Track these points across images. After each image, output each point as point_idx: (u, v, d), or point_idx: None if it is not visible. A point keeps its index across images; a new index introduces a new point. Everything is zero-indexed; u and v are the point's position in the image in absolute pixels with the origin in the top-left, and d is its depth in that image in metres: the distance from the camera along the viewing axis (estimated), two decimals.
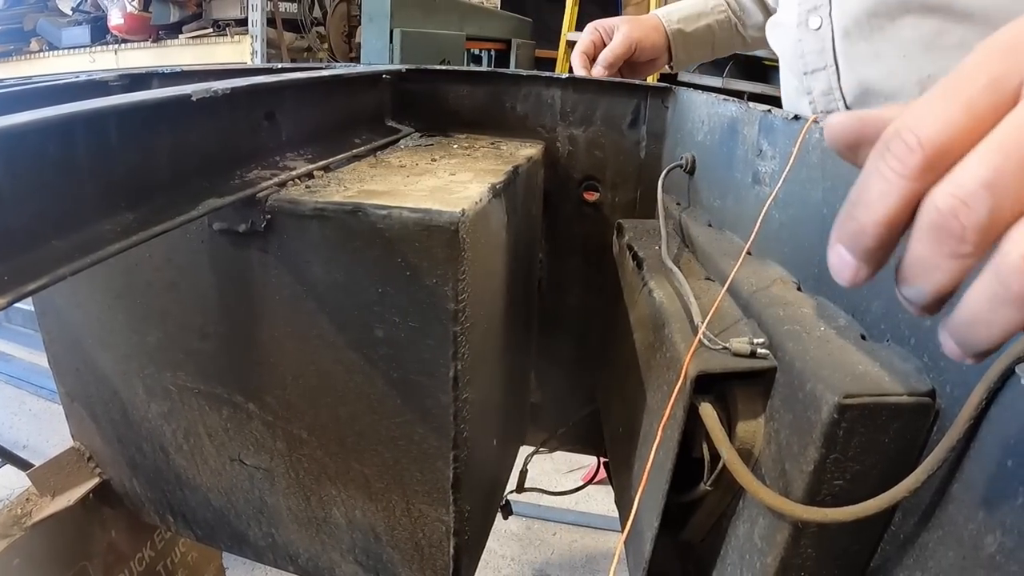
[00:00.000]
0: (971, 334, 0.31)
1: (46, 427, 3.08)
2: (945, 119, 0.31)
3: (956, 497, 0.45)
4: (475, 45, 4.42)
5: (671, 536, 0.76)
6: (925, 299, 0.33)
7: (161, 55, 4.09)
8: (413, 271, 0.69)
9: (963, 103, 0.31)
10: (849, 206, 0.35)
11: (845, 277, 0.36)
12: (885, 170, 0.32)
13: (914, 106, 0.32)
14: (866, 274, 0.35)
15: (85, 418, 1.02)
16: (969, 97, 0.31)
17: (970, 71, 0.31)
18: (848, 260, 0.35)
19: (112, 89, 0.85)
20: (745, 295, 0.69)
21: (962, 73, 0.32)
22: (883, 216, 0.33)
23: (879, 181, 0.33)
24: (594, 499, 2.69)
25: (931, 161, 0.31)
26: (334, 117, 0.95)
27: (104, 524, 1.09)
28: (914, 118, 0.32)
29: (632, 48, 1.27)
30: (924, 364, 0.50)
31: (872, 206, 0.33)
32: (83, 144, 0.50)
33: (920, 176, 0.31)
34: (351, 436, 0.82)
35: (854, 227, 0.34)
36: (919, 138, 0.31)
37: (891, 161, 0.32)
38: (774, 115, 0.78)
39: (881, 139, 0.33)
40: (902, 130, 0.32)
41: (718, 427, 0.60)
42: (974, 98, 0.31)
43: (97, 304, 0.87)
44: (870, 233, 0.33)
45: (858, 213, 0.34)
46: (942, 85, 0.32)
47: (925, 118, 0.31)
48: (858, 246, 0.34)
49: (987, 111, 0.30)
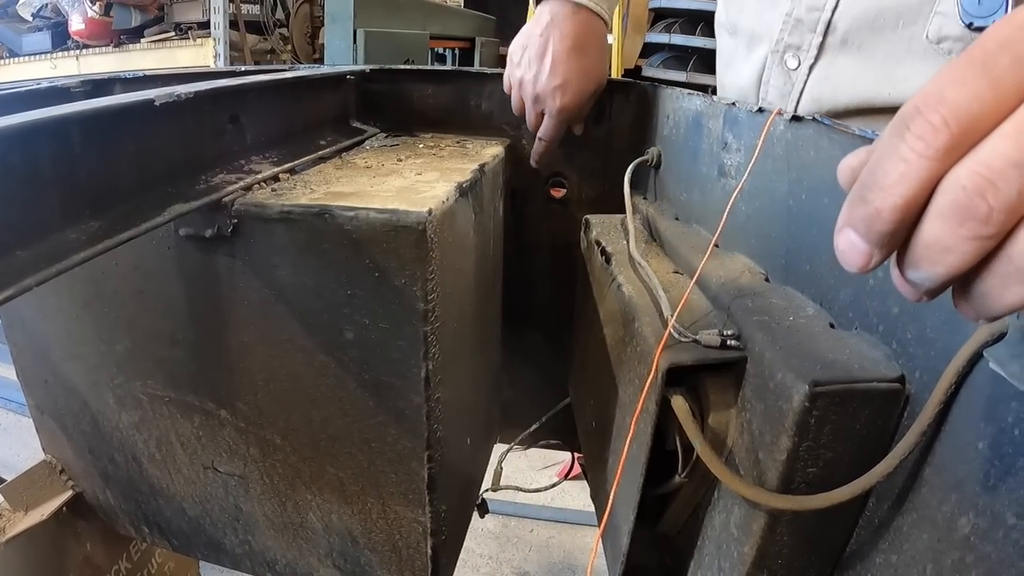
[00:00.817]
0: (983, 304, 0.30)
1: (16, 441, 3.04)
2: (971, 95, 0.29)
3: (929, 480, 0.46)
4: (439, 44, 4.42)
5: (648, 529, 0.77)
6: (934, 283, 0.31)
7: (123, 60, 4.04)
8: (381, 272, 0.69)
9: (990, 80, 0.29)
10: (861, 188, 0.32)
11: (856, 263, 0.33)
12: (906, 151, 0.30)
13: (936, 81, 0.30)
14: (878, 260, 0.33)
15: (56, 430, 1.01)
16: (996, 74, 0.28)
17: (994, 47, 0.29)
18: (860, 246, 0.33)
19: (74, 95, 0.84)
20: (714, 287, 0.70)
21: (986, 49, 0.29)
22: (902, 200, 0.31)
23: (898, 163, 0.30)
24: (570, 495, 2.70)
25: (958, 141, 0.29)
26: (299, 119, 0.95)
27: (79, 537, 1.08)
28: (937, 94, 0.30)
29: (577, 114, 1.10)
30: (893, 351, 0.51)
31: (890, 189, 0.31)
32: (46, 152, 0.50)
33: (945, 157, 0.29)
34: (324, 440, 0.82)
35: (868, 211, 0.32)
36: (944, 116, 0.29)
37: (913, 141, 0.30)
38: (739, 108, 0.79)
39: (899, 117, 0.31)
40: (924, 108, 0.30)
41: (690, 419, 0.60)
42: (1000, 75, 0.28)
43: (64, 314, 0.86)
44: (886, 218, 0.31)
45: (872, 196, 0.32)
46: (964, 60, 0.30)
47: (951, 93, 0.29)
48: (872, 231, 0.32)
49: (1013, 90, 0.28)
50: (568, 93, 1.05)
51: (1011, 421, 0.38)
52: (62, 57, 4.15)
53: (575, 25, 1.02)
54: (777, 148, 0.69)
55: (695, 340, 0.61)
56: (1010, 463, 0.38)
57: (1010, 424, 0.38)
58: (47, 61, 4.17)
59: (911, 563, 0.47)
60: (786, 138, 0.67)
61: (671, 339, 0.63)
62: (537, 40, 1.04)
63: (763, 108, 0.74)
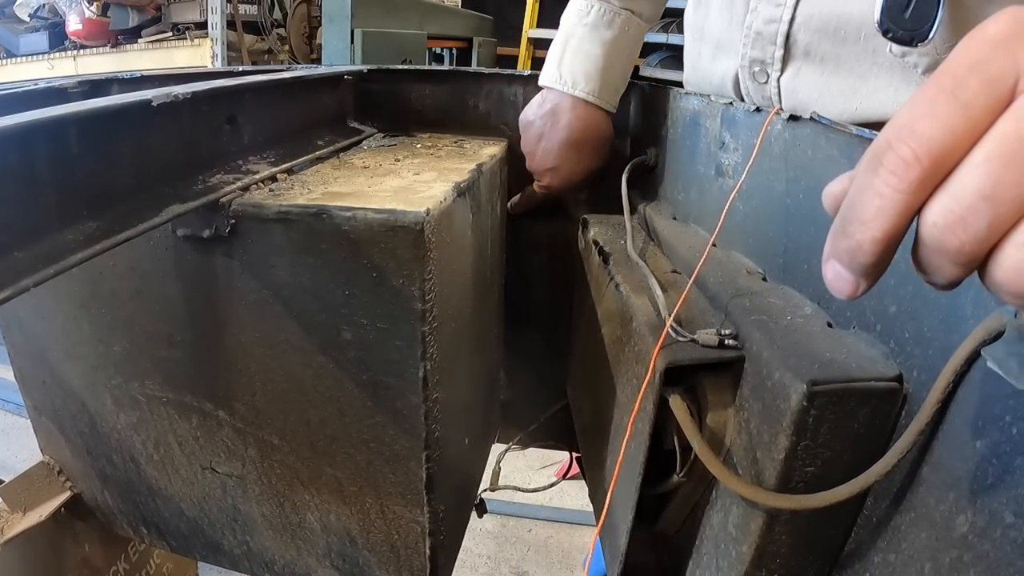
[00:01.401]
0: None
1: (14, 442, 3.03)
2: (942, 125, 0.29)
3: (927, 479, 0.46)
4: (437, 44, 4.41)
5: (646, 528, 0.77)
6: (943, 285, 0.32)
7: (120, 60, 4.03)
8: (379, 272, 0.69)
9: (960, 106, 0.29)
10: (842, 222, 0.33)
11: (844, 292, 0.34)
12: (880, 186, 0.31)
13: (906, 112, 0.31)
14: (865, 287, 0.34)
15: (53, 431, 1.01)
16: (965, 100, 0.29)
17: (963, 69, 0.30)
18: (846, 276, 0.34)
19: (71, 96, 0.84)
20: (712, 287, 0.70)
21: (955, 74, 0.30)
22: (881, 233, 0.31)
23: (874, 197, 0.31)
24: (568, 494, 2.70)
25: (930, 174, 0.30)
26: (296, 119, 0.95)
27: (77, 538, 1.08)
28: (908, 127, 0.30)
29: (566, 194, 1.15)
30: (891, 349, 0.51)
31: (868, 224, 0.31)
32: (43, 152, 0.50)
33: (919, 190, 0.30)
34: (322, 440, 0.82)
35: (850, 245, 0.33)
36: (915, 150, 0.30)
37: (886, 176, 0.31)
38: (736, 108, 0.79)
39: (872, 151, 0.32)
40: (896, 142, 0.30)
41: (688, 419, 0.60)
42: (970, 100, 0.29)
43: (62, 315, 0.86)
44: (867, 250, 0.32)
45: (853, 230, 0.32)
46: (933, 85, 0.30)
47: (920, 126, 0.30)
48: (855, 263, 0.33)
49: (984, 113, 0.29)
50: (557, 178, 1.11)
51: (1009, 420, 0.38)
52: (59, 57, 4.14)
53: (572, 120, 1.05)
54: (775, 147, 0.69)
55: (693, 339, 0.61)
56: (1008, 462, 0.38)
57: (1008, 423, 0.38)
58: (44, 61, 4.16)
59: (909, 562, 0.47)
60: (784, 137, 0.67)
61: (669, 339, 0.63)
62: (538, 123, 1.07)
63: (760, 108, 0.74)
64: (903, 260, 0.46)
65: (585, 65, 1.03)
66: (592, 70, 1.03)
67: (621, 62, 1.06)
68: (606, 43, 1.03)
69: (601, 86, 1.04)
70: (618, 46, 1.04)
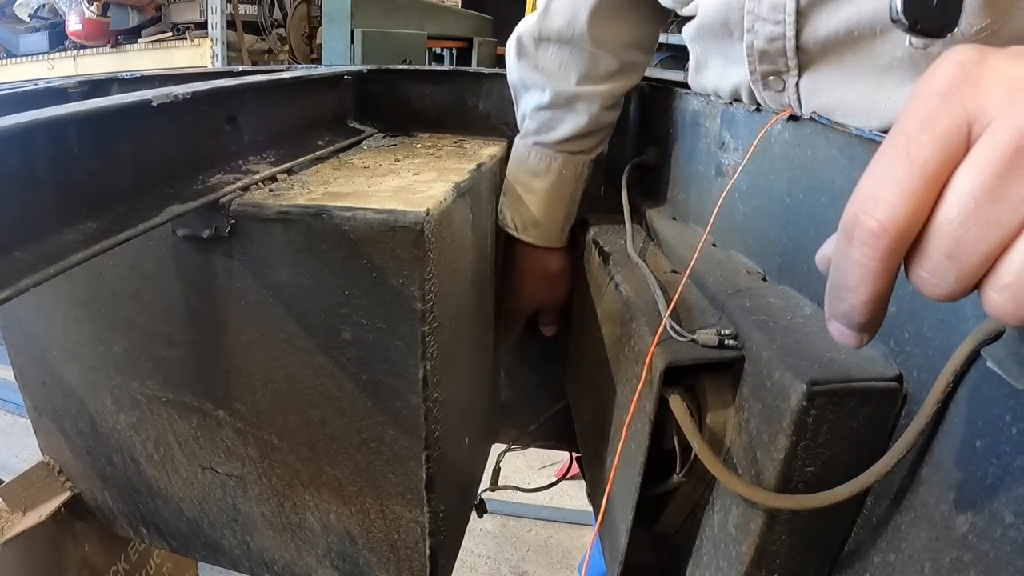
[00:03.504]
0: None
1: (14, 442, 3.04)
2: (902, 192, 0.30)
3: (927, 480, 0.46)
4: (437, 44, 4.42)
5: (646, 528, 0.77)
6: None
7: (120, 60, 4.04)
8: (379, 272, 0.69)
9: (916, 169, 0.30)
10: (834, 288, 0.35)
11: (852, 344, 0.37)
12: (857, 256, 0.32)
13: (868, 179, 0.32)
14: (869, 337, 0.36)
15: (53, 431, 1.01)
16: (921, 161, 0.30)
17: (914, 126, 0.31)
18: (848, 332, 0.36)
19: (71, 96, 0.84)
20: (712, 287, 0.70)
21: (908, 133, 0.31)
22: (867, 297, 0.33)
23: (855, 267, 0.33)
24: (568, 494, 2.70)
25: (900, 239, 0.31)
26: (296, 119, 0.95)
27: (77, 538, 1.08)
28: (871, 197, 0.32)
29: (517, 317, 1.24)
30: (891, 350, 0.51)
31: (855, 290, 0.33)
32: (43, 152, 0.50)
33: (893, 255, 0.32)
34: (322, 440, 0.82)
35: (844, 308, 0.35)
36: (881, 221, 0.31)
37: (860, 248, 0.32)
38: (736, 108, 0.79)
39: (843, 224, 0.33)
40: (861, 214, 0.32)
41: (688, 418, 0.60)
42: (926, 161, 0.30)
43: (62, 315, 0.86)
44: (860, 311, 0.34)
45: (843, 296, 0.34)
46: (889, 148, 0.32)
47: (882, 195, 0.31)
48: (853, 323, 0.35)
49: (940, 169, 0.30)
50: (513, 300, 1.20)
51: (1008, 420, 0.38)
52: (59, 58, 4.15)
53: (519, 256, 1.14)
54: (775, 147, 0.69)
55: (693, 339, 0.61)
56: (1008, 462, 0.38)
57: (1008, 423, 0.38)
58: (44, 62, 4.17)
59: (909, 562, 0.47)
60: (783, 137, 0.67)
61: (668, 338, 0.63)
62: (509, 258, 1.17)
63: (760, 107, 0.74)
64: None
65: (527, 213, 1.08)
66: (532, 218, 1.08)
67: (564, 203, 1.09)
68: (545, 189, 1.07)
69: (542, 231, 1.09)
70: (557, 190, 1.08)
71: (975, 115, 0.29)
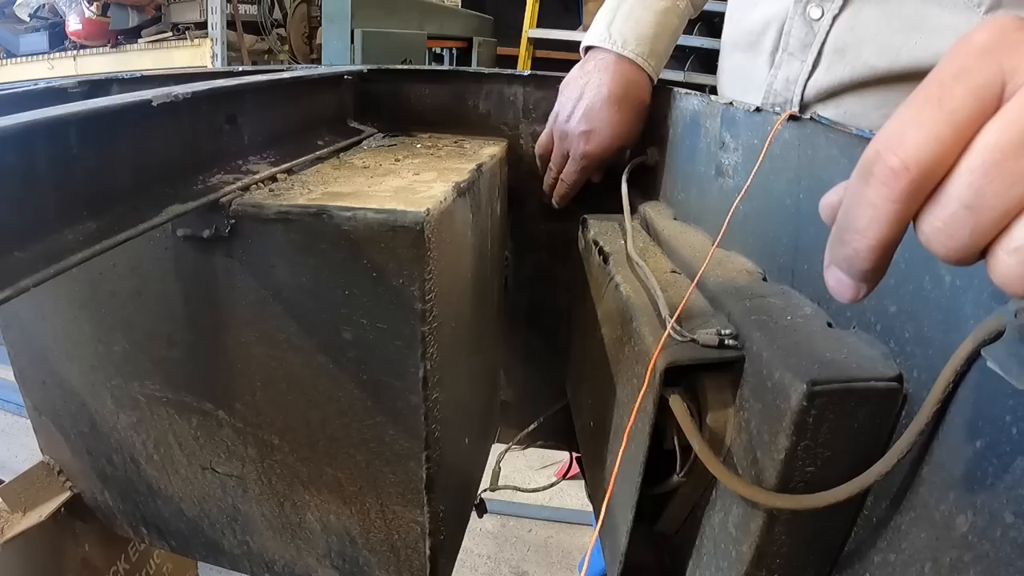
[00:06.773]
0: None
1: (14, 442, 3.03)
2: (928, 135, 0.30)
3: (927, 479, 0.46)
4: (437, 44, 4.42)
5: (646, 528, 0.77)
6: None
7: (120, 60, 4.03)
8: (379, 272, 0.69)
9: (946, 115, 0.30)
10: (839, 231, 0.34)
11: (846, 296, 0.36)
12: (872, 196, 0.32)
13: (894, 121, 0.31)
14: (867, 291, 0.35)
15: (53, 431, 1.01)
16: (951, 108, 0.29)
17: (948, 77, 0.30)
18: (846, 281, 0.35)
19: (71, 96, 0.84)
20: (712, 287, 0.70)
21: (941, 83, 0.30)
22: (876, 241, 0.32)
23: (867, 208, 0.32)
24: (568, 494, 2.70)
25: (920, 183, 0.30)
26: (296, 119, 0.95)
27: (77, 538, 1.08)
28: (896, 136, 0.31)
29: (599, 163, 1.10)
30: (891, 349, 0.51)
31: (863, 232, 0.32)
32: (43, 152, 0.50)
33: (909, 199, 0.31)
34: (322, 440, 0.82)
35: (847, 252, 0.34)
36: (904, 159, 0.30)
37: (877, 187, 0.31)
38: (736, 108, 0.79)
39: (862, 161, 0.32)
40: (883, 151, 0.31)
41: (688, 418, 0.60)
42: (957, 109, 0.29)
43: (62, 315, 0.86)
44: (865, 257, 0.33)
45: (849, 238, 0.33)
46: (921, 97, 0.31)
47: (908, 135, 0.30)
48: (854, 269, 0.34)
49: (969, 120, 0.29)
50: (592, 142, 1.05)
51: (1009, 420, 0.38)
52: (59, 57, 4.14)
53: (615, 75, 1.03)
54: (775, 147, 0.69)
55: (693, 339, 0.61)
56: (1008, 461, 0.38)
57: (1008, 423, 0.38)
58: (44, 62, 4.16)
59: (909, 562, 0.47)
60: (784, 137, 0.67)
61: (669, 338, 0.63)
62: (577, 82, 1.06)
63: (760, 108, 0.74)
64: (903, 260, 0.46)
65: (636, 29, 1.04)
66: (643, 35, 1.04)
67: (668, 35, 1.07)
68: (657, 13, 1.05)
69: (649, 51, 1.04)
70: (667, 19, 1.05)
71: (1011, 75, 0.29)
